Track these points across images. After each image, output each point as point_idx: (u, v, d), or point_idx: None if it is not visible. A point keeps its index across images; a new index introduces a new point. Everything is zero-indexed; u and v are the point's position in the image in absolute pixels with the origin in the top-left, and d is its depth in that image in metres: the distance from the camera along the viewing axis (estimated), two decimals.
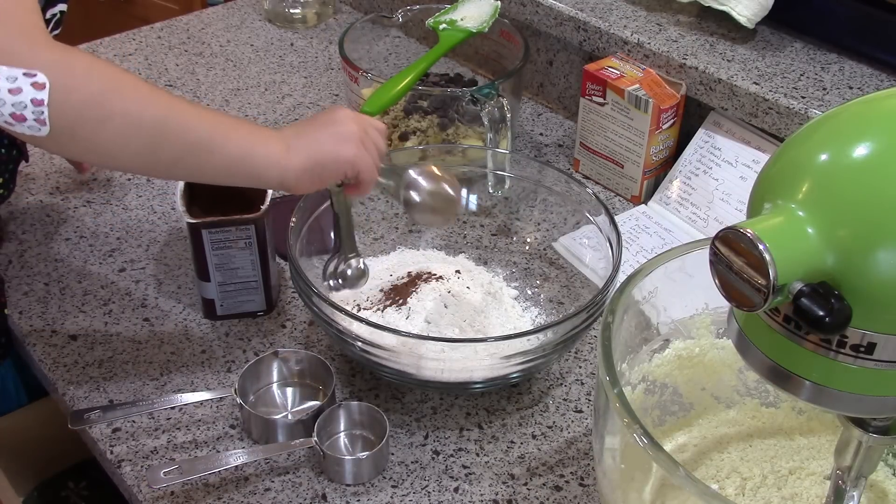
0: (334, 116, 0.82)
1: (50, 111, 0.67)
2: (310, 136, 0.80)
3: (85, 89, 0.69)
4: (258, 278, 0.98)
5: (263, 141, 0.77)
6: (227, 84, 1.43)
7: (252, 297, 0.99)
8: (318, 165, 0.79)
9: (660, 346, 0.82)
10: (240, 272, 0.97)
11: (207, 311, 1.00)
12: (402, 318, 0.93)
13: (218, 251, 0.95)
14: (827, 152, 0.52)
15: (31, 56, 0.67)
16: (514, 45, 1.24)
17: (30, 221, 1.14)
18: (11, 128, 0.68)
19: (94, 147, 0.71)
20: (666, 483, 0.73)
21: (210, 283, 0.97)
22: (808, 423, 0.86)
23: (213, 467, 0.81)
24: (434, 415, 0.92)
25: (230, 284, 0.98)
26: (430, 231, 1.10)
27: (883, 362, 0.52)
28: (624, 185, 1.21)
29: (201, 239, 0.94)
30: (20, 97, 0.66)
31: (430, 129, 1.18)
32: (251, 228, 0.94)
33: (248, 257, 0.96)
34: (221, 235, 0.94)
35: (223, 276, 0.97)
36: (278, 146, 0.78)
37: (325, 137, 0.80)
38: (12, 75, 0.66)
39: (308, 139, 0.80)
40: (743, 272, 0.50)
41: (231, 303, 0.99)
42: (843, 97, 1.07)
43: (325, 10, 1.61)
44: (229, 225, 0.94)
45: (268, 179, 0.79)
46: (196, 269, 0.98)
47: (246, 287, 0.98)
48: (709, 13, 1.22)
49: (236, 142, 0.76)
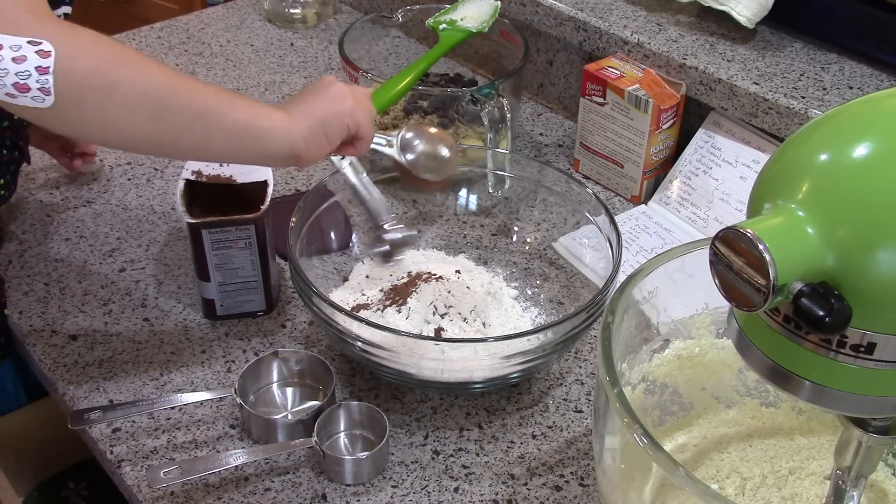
0: (321, 83, 0.84)
1: (55, 79, 0.66)
2: (306, 102, 0.82)
3: (91, 57, 0.69)
4: (258, 278, 0.98)
5: (265, 110, 0.79)
6: (227, 84, 1.43)
7: (252, 297, 0.99)
8: (321, 123, 0.81)
9: (660, 346, 0.82)
10: (240, 272, 0.97)
11: (207, 310, 1.00)
12: (402, 318, 0.93)
13: (218, 251, 0.95)
14: (827, 152, 0.52)
15: (37, 26, 0.67)
16: (514, 45, 1.24)
17: (30, 221, 1.14)
18: (13, 101, 0.67)
19: (101, 117, 0.71)
20: (666, 483, 0.72)
21: (210, 283, 0.97)
22: (808, 423, 0.86)
23: (213, 467, 0.81)
24: (434, 415, 0.92)
25: (230, 284, 0.98)
26: (430, 231, 1.10)
27: (883, 362, 0.52)
28: (624, 185, 1.21)
29: (201, 239, 0.94)
30: (24, 65, 0.65)
31: None
32: (251, 228, 0.94)
33: (248, 257, 0.96)
34: (221, 235, 0.94)
35: (223, 276, 0.97)
36: (280, 113, 0.79)
37: (319, 99, 0.82)
38: (17, 44, 0.65)
39: (305, 104, 0.82)
40: (743, 272, 0.50)
41: (231, 303, 0.99)
42: (843, 97, 1.07)
43: (325, 10, 1.61)
44: (229, 225, 0.94)
45: (277, 146, 0.79)
46: (196, 269, 0.98)
47: (246, 287, 0.98)
48: (709, 13, 1.22)
49: (242, 108, 0.76)
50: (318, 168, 1.25)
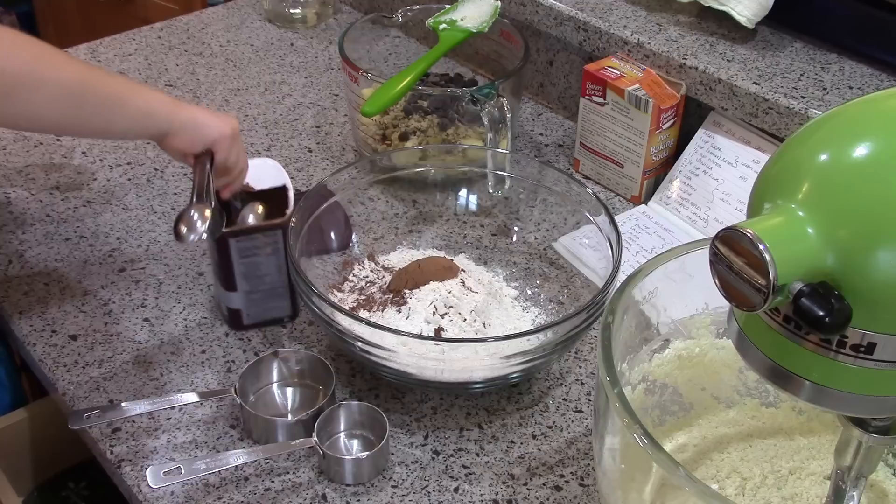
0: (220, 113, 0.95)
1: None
2: (196, 106, 0.93)
3: (18, 58, 0.78)
4: (284, 283, 0.97)
5: (161, 96, 0.91)
6: (227, 84, 1.43)
7: (279, 302, 0.98)
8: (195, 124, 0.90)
9: (660, 346, 0.82)
10: (267, 279, 0.95)
11: (233, 321, 0.98)
12: (402, 318, 0.93)
13: (244, 259, 0.94)
14: (827, 152, 0.52)
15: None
16: (514, 45, 1.24)
17: (30, 221, 1.14)
18: None
19: (27, 109, 0.81)
20: (666, 483, 0.72)
21: (237, 293, 0.96)
22: (808, 423, 0.86)
23: (213, 467, 0.81)
24: (434, 415, 0.92)
25: (257, 293, 0.96)
26: (430, 231, 1.10)
27: (883, 362, 0.52)
28: (624, 185, 1.21)
29: (228, 249, 0.93)
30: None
31: (430, 129, 1.18)
32: (278, 234, 0.93)
33: (274, 263, 0.95)
34: (248, 243, 0.93)
35: (250, 284, 0.95)
36: (169, 98, 0.91)
37: (206, 111, 0.93)
38: None
39: (194, 106, 0.93)
40: (743, 272, 0.50)
41: (258, 311, 0.98)
42: (843, 97, 1.07)
43: (325, 10, 1.61)
44: (256, 232, 0.93)
45: (157, 121, 0.89)
46: (221, 279, 0.96)
47: (273, 294, 0.97)
48: (709, 13, 1.22)
49: (142, 95, 0.88)
50: (319, 168, 1.25)
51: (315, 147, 1.30)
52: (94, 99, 0.84)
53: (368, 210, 1.08)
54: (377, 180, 1.07)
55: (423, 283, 0.95)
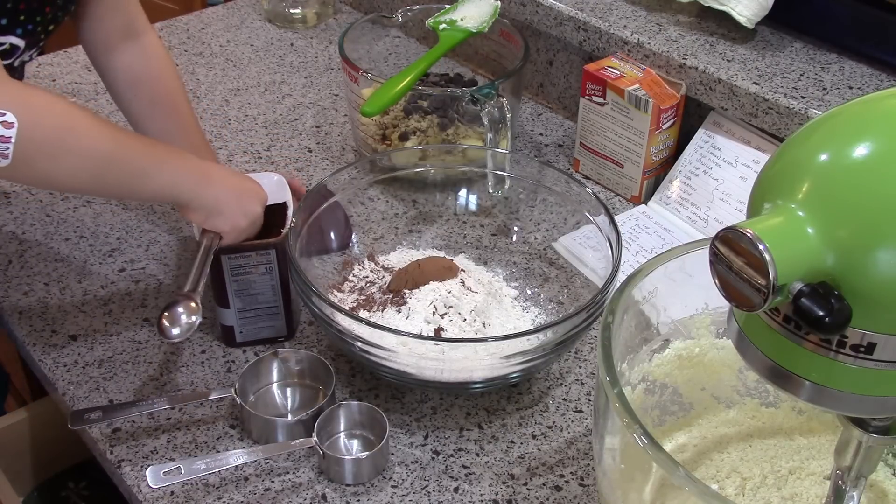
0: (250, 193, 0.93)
1: (14, 147, 0.73)
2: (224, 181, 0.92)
3: (46, 126, 0.76)
4: (279, 304, 0.96)
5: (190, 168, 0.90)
6: (227, 84, 1.43)
7: (272, 322, 0.97)
8: (218, 208, 0.90)
9: (660, 346, 0.82)
10: (260, 298, 0.95)
11: (226, 337, 0.98)
12: (402, 318, 0.93)
13: (237, 277, 0.93)
14: (827, 152, 0.52)
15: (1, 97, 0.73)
16: (514, 45, 1.24)
17: (30, 221, 1.14)
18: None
19: (48, 177, 0.80)
20: (666, 483, 0.72)
21: (229, 310, 0.95)
22: (808, 423, 0.86)
23: (213, 467, 0.81)
24: (434, 415, 0.92)
25: (250, 311, 0.96)
26: (430, 231, 1.10)
27: (883, 362, 0.52)
28: (624, 185, 1.21)
29: (220, 265, 0.92)
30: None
31: (430, 129, 1.18)
32: (272, 253, 0.93)
33: (268, 283, 0.94)
34: (241, 261, 0.92)
35: (243, 302, 0.95)
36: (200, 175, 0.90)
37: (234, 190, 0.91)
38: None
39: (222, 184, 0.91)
40: (743, 272, 0.50)
41: (251, 329, 0.97)
42: (843, 97, 1.07)
43: (325, 10, 1.61)
44: (249, 250, 0.93)
45: (179, 195, 0.88)
46: (214, 295, 0.95)
47: (267, 313, 0.96)
48: (709, 13, 1.22)
49: (169, 171, 0.87)
50: (319, 168, 1.25)
51: (315, 147, 1.30)
52: (118, 173, 0.83)
53: (368, 210, 1.09)
54: (377, 180, 1.07)
55: (423, 283, 0.95)
